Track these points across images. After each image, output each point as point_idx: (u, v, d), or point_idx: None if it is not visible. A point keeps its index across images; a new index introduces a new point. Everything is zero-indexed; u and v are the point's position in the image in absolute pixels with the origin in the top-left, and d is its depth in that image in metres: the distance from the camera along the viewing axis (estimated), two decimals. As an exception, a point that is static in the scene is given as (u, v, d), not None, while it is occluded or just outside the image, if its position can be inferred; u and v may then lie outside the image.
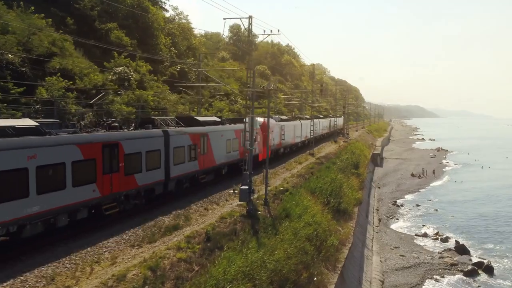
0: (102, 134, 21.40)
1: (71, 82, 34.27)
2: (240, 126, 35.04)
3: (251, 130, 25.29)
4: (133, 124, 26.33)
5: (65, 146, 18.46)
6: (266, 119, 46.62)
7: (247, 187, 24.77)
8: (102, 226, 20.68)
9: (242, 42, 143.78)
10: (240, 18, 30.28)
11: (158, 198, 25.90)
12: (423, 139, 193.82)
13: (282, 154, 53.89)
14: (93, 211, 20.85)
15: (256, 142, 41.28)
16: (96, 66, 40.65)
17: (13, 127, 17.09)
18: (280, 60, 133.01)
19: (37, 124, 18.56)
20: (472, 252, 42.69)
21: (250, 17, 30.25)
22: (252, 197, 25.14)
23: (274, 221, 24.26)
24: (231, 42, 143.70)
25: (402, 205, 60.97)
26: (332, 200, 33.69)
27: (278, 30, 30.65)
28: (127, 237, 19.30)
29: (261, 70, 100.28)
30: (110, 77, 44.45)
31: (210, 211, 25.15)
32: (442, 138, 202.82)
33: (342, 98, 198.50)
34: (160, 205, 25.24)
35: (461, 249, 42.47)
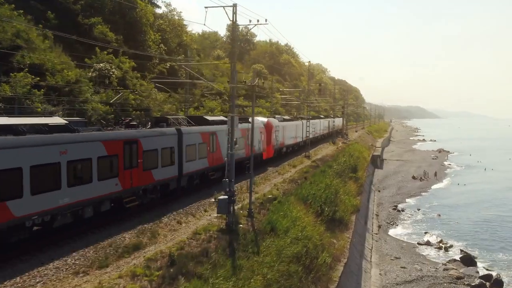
0: (123, 132, 22.66)
1: (39, 79, 30.89)
2: (245, 125, 36.20)
3: (231, 132, 21.94)
4: (149, 123, 27.28)
5: (92, 142, 19.69)
6: (270, 119, 47.77)
7: (226, 196, 21.42)
8: (49, 244, 17.35)
9: (240, 41, 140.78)
10: (223, 6, 26.93)
11: (172, 194, 26.80)
12: (424, 140, 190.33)
13: (285, 153, 53.69)
14: (112, 204, 21.47)
15: (261, 141, 42.09)
16: (71, 62, 37.27)
17: (46, 125, 18.44)
18: (279, 59, 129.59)
19: (67, 122, 19.78)
20: (479, 263, 39.33)
21: (234, 6, 26.99)
22: (233, 209, 21.78)
23: (256, 236, 20.89)
24: (229, 41, 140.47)
25: (403, 210, 57.58)
26: (326, 209, 30.33)
27: (266, 20, 27.21)
28: (73, 260, 15.89)
29: (258, 69, 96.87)
30: (90, 74, 41.13)
31: (184, 224, 21.76)
32: (443, 139, 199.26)
33: (341, 98, 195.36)
34: (126, 218, 21.84)
35: (467, 260, 39.08)
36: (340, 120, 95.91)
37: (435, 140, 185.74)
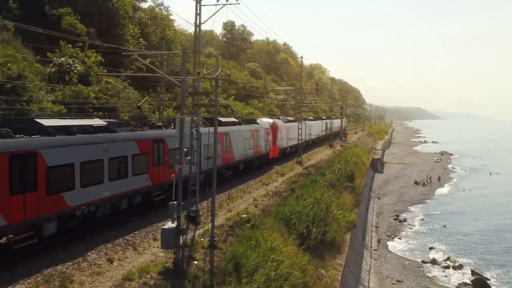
0: (152, 132, 24.58)
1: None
2: (255, 126, 39.09)
3: (180, 137, 16.42)
4: (172, 124, 28.84)
5: (128, 142, 21.66)
6: (275, 120, 47.89)
7: (174, 225, 15.94)
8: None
9: (235, 40, 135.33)
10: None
11: None
12: (425, 141, 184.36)
13: (289, 153, 54.08)
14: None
15: (267, 142, 43.10)
16: (18, 55, 31.82)
17: (91, 126, 20.65)
18: (276, 58, 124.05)
19: (106, 123, 22.15)
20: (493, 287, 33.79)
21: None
22: (182, 241, 16.28)
23: (212, 280, 15.36)
24: (224, 40, 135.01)
25: (405, 220, 51.94)
26: (314, 230, 24.75)
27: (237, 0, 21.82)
28: None
29: (252, 67, 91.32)
30: (49, 69, 35.70)
31: (116, 263, 16.15)
32: (445, 140, 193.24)
33: (341, 98, 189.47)
34: (38, 254, 16.28)
35: (480, 284, 33.50)
36: (339, 122, 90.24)
37: (437, 142, 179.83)
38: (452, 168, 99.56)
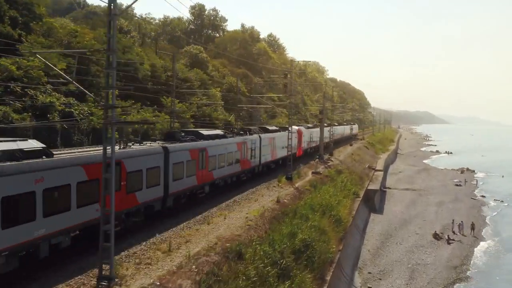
0: (200, 143, 27.21)
1: None
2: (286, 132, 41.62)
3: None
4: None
5: (184, 150, 24.70)
6: (300, 127, 54.25)
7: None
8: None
9: (205, 27, 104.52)
10: None
11: (237, 183, 32.81)
12: (437, 151, 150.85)
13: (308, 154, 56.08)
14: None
15: (295, 144, 47.02)
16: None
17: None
18: (251, 49, 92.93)
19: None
20: None
21: None
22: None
23: None
24: (193, 27, 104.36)
25: None
26: None
27: None
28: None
29: (194, 52, 60.27)
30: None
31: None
32: (460, 149, 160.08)
33: (341, 101, 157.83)
34: None
35: None
36: (316, 133, 58.83)
37: (451, 152, 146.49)
38: (482, 197, 67.31)
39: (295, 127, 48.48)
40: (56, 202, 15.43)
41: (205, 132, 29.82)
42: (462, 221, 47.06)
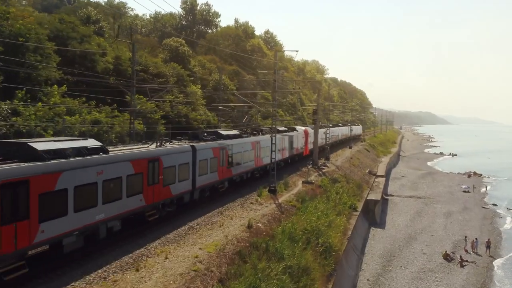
0: (221, 142, 28.53)
1: None
2: (296, 132, 47.41)
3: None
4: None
5: (208, 149, 26.23)
6: (307, 127, 54.19)
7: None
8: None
9: (197, 22, 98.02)
10: None
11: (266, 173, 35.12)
12: (441, 153, 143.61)
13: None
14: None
15: (303, 143, 50.13)
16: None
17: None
18: (245, 45, 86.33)
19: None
20: None
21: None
22: None
23: None
24: (184, 22, 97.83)
25: None
26: None
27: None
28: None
29: (174, 45, 53.60)
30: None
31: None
32: (464, 151, 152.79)
33: (342, 101, 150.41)
34: None
35: None
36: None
37: (455, 155, 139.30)
38: (494, 205, 60.47)
39: (301, 128, 51.53)
40: (111, 191, 17.40)
41: (224, 132, 31.98)
42: (476, 239, 40.32)
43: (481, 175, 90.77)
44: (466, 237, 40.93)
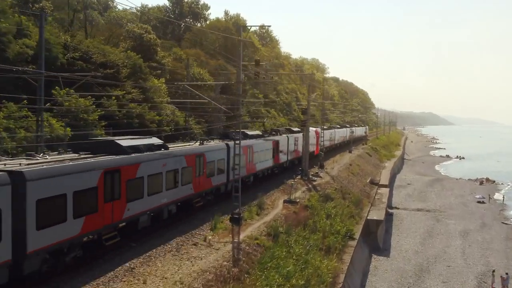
0: (247, 141, 30.75)
1: None
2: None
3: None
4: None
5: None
6: (317, 128, 55.11)
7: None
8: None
9: (184, 15, 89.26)
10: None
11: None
12: (448, 156, 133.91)
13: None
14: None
15: (314, 143, 51.98)
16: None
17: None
18: (235, 39, 77.21)
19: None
20: None
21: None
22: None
23: None
24: (172, 16, 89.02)
25: None
26: None
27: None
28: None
29: (138, 33, 44.57)
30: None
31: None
32: (472, 154, 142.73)
33: (343, 101, 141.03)
34: None
35: None
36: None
37: (463, 157, 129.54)
38: (515, 221, 51.16)
39: (313, 128, 52.67)
40: (171, 180, 20.76)
41: (249, 132, 34.96)
42: (507, 273, 31.07)
43: (494, 181, 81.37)
44: (493, 271, 31.69)
